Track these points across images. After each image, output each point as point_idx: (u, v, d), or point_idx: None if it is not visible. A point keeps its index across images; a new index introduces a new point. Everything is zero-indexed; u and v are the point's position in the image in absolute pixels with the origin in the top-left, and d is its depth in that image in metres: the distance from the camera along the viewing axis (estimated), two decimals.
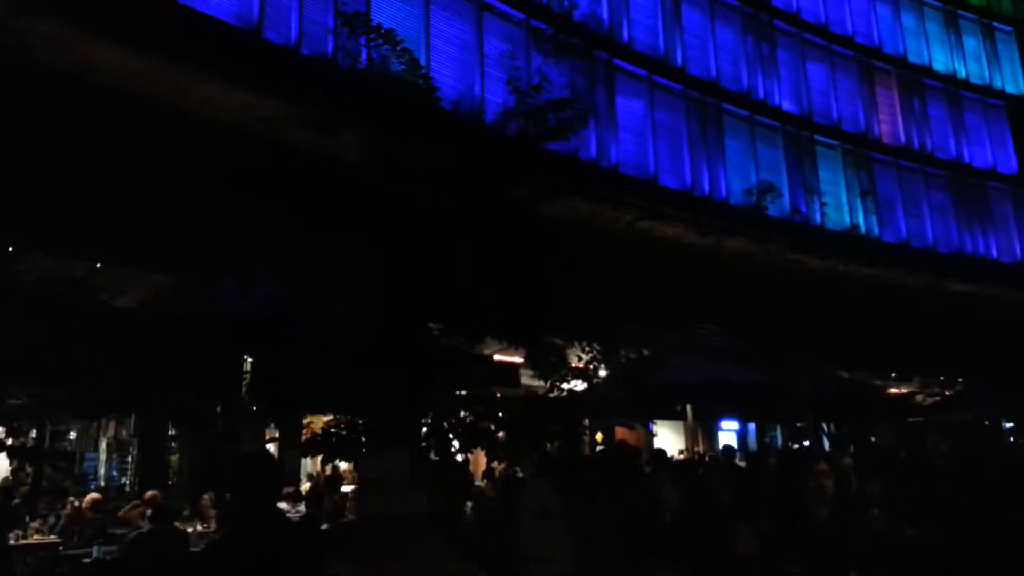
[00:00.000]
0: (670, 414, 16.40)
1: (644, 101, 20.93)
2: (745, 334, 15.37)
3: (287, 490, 11.87)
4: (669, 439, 23.54)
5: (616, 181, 19.15)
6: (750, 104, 23.31)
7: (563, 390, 10.55)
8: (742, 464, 13.04)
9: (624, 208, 18.73)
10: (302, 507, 11.35)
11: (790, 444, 22.36)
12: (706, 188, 21.35)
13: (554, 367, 9.49)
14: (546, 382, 10.35)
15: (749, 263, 17.62)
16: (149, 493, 11.04)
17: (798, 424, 24.44)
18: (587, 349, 11.84)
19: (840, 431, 18.01)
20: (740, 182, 21.81)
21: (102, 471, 15.22)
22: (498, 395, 9.22)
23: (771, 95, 24.04)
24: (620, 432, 22.48)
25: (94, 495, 11.62)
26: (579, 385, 12.76)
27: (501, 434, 9.15)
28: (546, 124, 7.68)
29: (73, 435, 15.09)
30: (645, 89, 20.99)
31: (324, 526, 9.05)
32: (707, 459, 15.24)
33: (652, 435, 23.03)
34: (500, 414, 8.85)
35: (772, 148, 23.61)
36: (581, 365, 11.47)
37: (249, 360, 7.93)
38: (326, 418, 9.24)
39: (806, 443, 20.32)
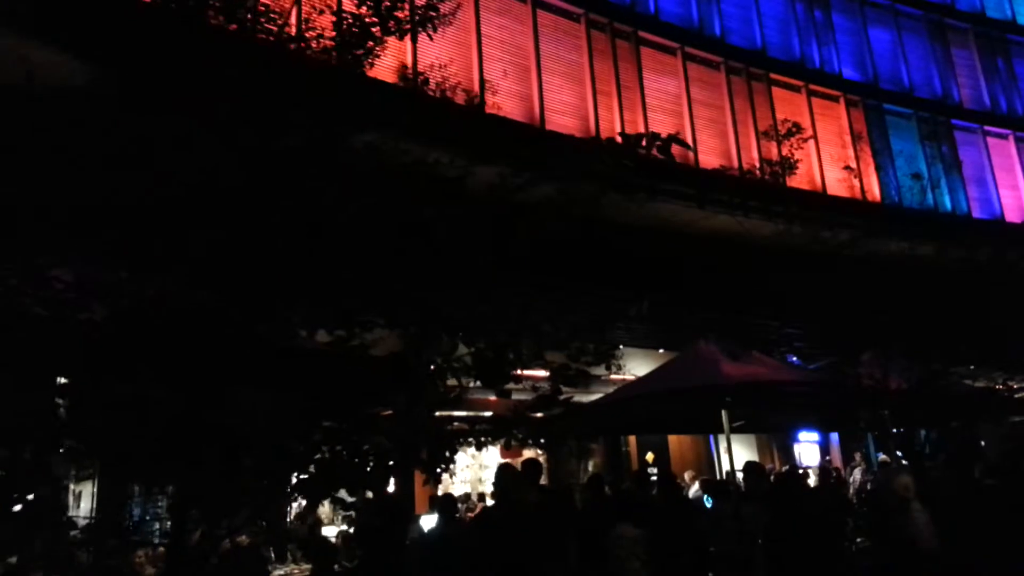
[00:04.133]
0: (701, 425, 13.88)
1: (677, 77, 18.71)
2: (792, 324, 13.04)
3: None
4: (738, 455, 20.94)
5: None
6: (804, 73, 20.80)
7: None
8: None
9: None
10: None
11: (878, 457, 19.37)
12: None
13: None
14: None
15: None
16: None
17: (895, 431, 21.45)
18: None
19: (930, 436, 15.17)
20: None
21: None
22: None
23: (829, 62, 21.48)
24: (676, 448, 20.09)
25: None
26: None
27: None
28: None
29: None
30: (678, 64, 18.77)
31: None
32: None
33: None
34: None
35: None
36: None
37: None
38: None
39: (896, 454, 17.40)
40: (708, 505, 10.99)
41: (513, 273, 5.05)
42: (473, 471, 20.00)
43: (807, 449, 21.59)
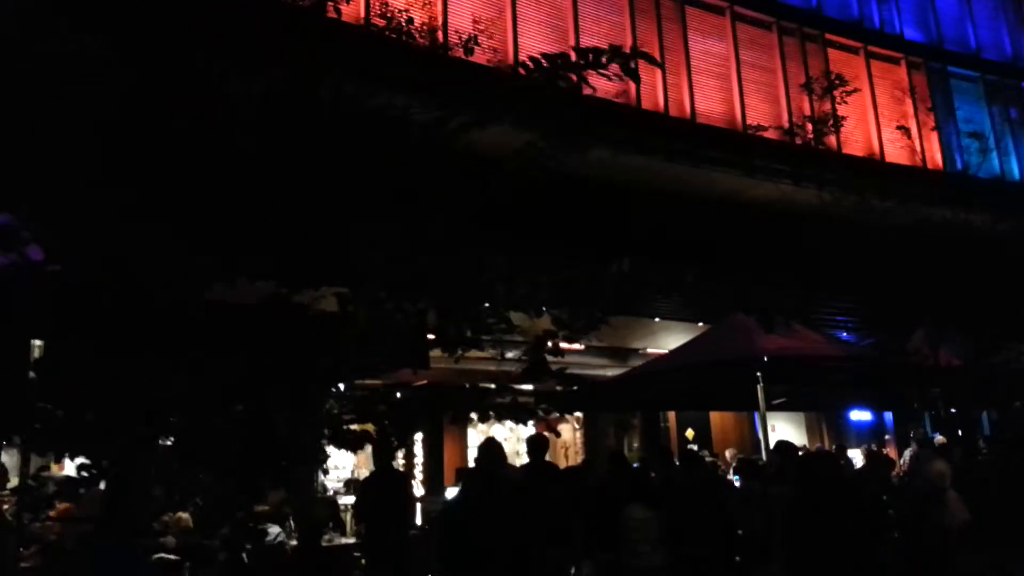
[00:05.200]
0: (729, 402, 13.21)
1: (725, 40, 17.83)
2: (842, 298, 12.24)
3: None
4: (785, 433, 20.21)
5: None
6: (862, 34, 19.71)
7: None
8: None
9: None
10: None
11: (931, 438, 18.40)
12: None
13: None
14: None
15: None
16: None
17: (951, 411, 20.43)
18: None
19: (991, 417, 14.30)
20: None
21: None
22: None
23: (889, 22, 20.33)
24: (718, 424, 19.44)
25: None
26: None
27: None
28: None
29: None
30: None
31: None
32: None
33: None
34: None
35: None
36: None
37: None
38: None
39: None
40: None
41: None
42: (511, 444, 19.66)
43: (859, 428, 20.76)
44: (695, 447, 17.64)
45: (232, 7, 4.68)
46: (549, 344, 5.04)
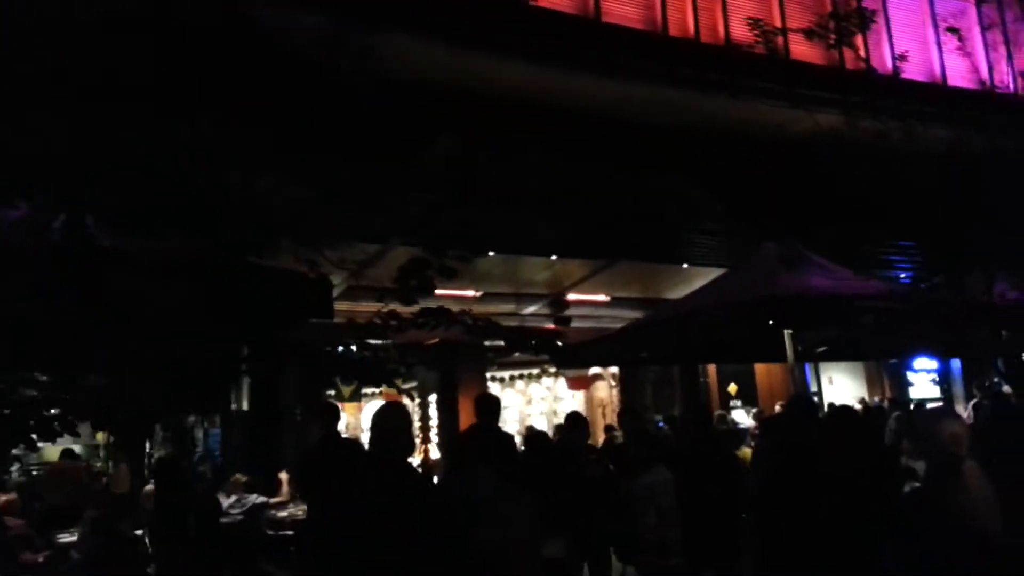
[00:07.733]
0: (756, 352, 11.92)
1: None
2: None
3: None
4: (842, 385, 18.93)
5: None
6: None
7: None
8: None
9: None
10: None
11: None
12: None
13: None
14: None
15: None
16: None
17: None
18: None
19: None
20: None
21: None
22: None
23: None
24: (764, 378, 18.20)
25: None
26: None
27: None
28: None
29: None
30: None
31: None
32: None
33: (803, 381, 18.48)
34: None
35: None
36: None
37: None
38: None
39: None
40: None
41: None
42: (548, 403, 18.83)
43: (922, 379, 19.28)
44: (738, 402, 16.53)
45: None
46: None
